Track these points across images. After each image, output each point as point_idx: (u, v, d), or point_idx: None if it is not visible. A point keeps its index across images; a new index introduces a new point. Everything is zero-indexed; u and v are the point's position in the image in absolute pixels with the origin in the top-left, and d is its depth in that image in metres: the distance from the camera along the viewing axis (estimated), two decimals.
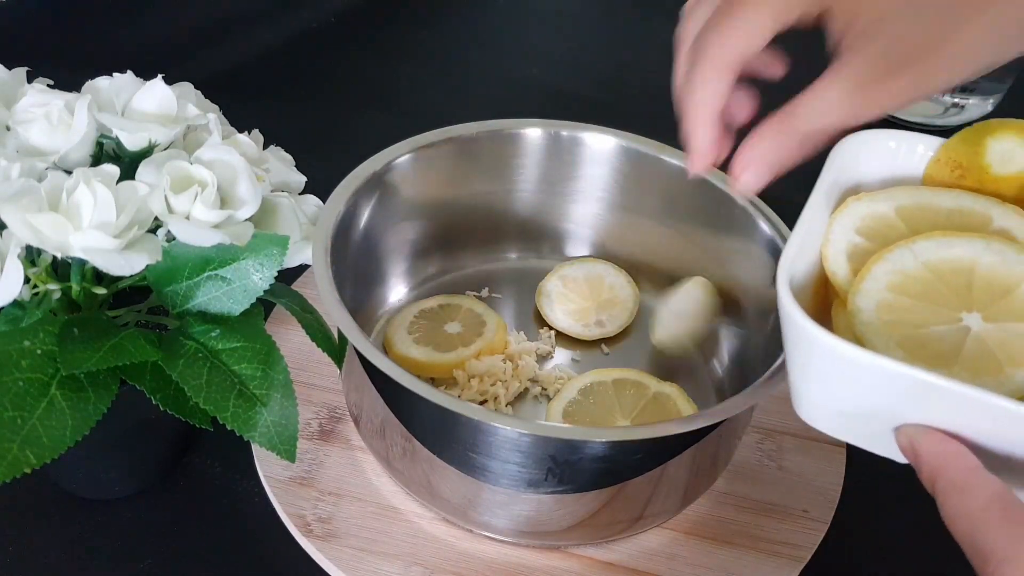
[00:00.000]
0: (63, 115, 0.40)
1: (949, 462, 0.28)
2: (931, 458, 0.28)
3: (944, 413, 0.28)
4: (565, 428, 0.46)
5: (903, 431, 0.29)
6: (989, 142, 0.34)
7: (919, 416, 0.29)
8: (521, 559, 0.46)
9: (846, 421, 0.32)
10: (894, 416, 0.29)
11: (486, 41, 0.92)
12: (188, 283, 0.41)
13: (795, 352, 0.31)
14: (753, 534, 0.48)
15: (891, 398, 0.29)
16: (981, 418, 0.28)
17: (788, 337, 0.31)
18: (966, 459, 0.28)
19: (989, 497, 0.27)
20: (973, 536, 0.26)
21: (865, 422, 0.31)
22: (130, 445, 0.47)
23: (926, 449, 0.28)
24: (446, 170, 0.54)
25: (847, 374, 0.29)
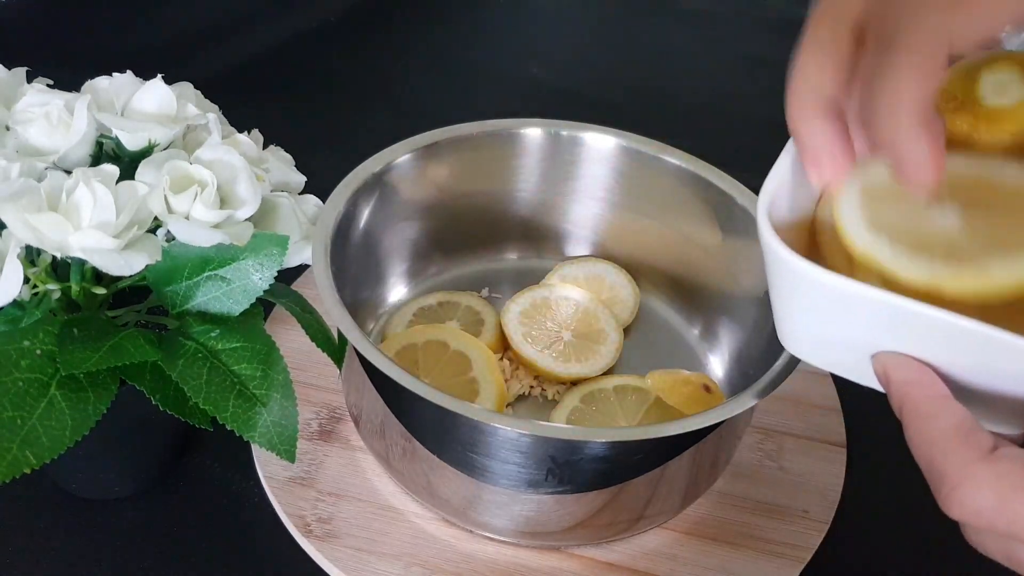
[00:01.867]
0: (63, 115, 0.40)
1: (917, 389, 0.28)
2: (900, 384, 0.29)
3: (917, 340, 0.29)
4: (565, 428, 0.46)
5: (878, 358, 0.29)
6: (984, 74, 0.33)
7: (895, 344, 0.29)
8: (521, 559, 0.46)
9: (827, 350, 0.32)
10: (871, 344, 0.30)
11: (486, 41, 0.92)
12: (188, 283, 0.41)
13: (776, 282, 0.31)
14: (753, 534, 0.48)
15: (868, 325, 0.29)
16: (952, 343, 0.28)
17: (769, 268, 0.31)
18: (934, 386, 0.28)
19: (950, 424, 0.27)
20: (931, 460, 0.27)
21: (845, 351, 0.31)
22: (130, 445, 0.47)
23: (897, 375, 0.29)
24: (446, 170, 0.54)
25: (825, 301, 0.29)
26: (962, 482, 0.26)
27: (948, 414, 0.27)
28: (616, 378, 0.52)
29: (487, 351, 0.51)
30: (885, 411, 0.43)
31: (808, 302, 0.30)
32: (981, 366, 0.28)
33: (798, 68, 0.31)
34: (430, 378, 0.49)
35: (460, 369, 0.50)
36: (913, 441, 0.28)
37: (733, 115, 0.81)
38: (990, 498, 0.25)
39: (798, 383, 0.55)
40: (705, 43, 0.95)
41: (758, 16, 0.97)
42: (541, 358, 0.52)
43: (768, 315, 0.48)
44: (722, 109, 0.83)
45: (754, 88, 0.85)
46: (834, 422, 0.54)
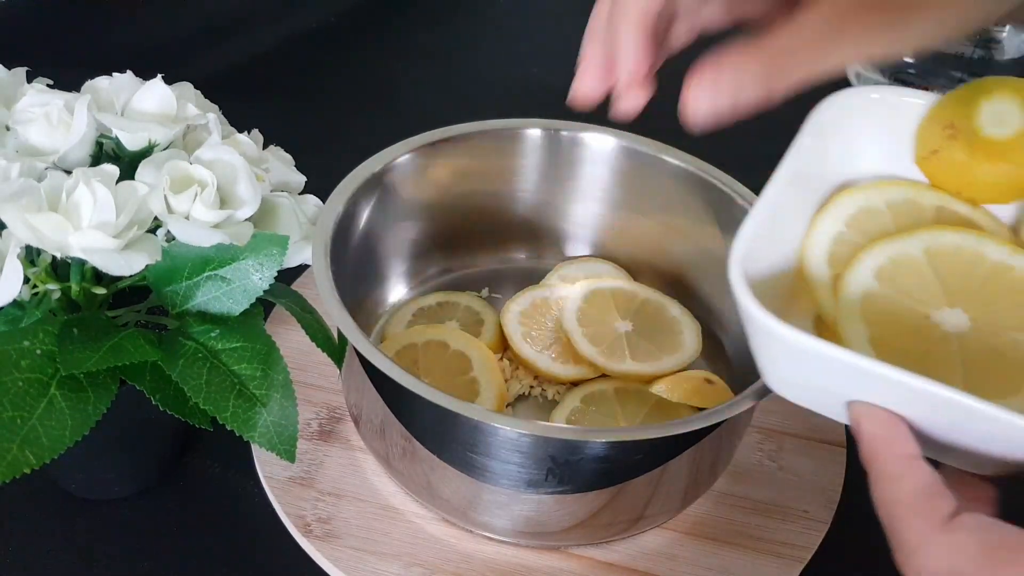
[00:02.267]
0: (63, 115, 0.40)
1: (886, 448, 0.29)
2: (870, 440, 0.29)
3: (886, 397, 0.29)
4: (565, 428, 0.46)
5: (853, 407, 0.30)
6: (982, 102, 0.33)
7: (867, 397, 0.30)
8: (521, 559, 0.46)
9: (808, 395, 0.33)
10: (846, 394, 0.30)
11: (486, 41, 0.92)
12: (188, 283, 0.41)
13: (751, 334, 0.32)
14: (753, 534, 0.48)
15: (839, 380, 0.30)
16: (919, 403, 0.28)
17: (743, 319, 0.31)
18: (903, 446, 0.29)
19: (913, 488, 0.27)
20: (892, 523, 0.27)
21: (823, 396, 0.32)
22: (130, 445, 0.47)
23: (867, 430, 0.29)
24: (446, 170, 0.54)
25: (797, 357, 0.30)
26: (917, 550, 0.26)
27: (913, 477, 0.28)
28: (616, 381, 0.51)
29: (487, 351, 0.51)
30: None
31: (781, 355, 0.31)
32: (949, 424, 0.29)
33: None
34: (430, 378, 0.49)
35: (460, 369, 0.50)
36: (878, 500, 0.28)
37: None
38: (943, 569, 0.26)
39: None
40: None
41: None
42: (540, 358, 0.52)
43: None
44: None
45: None
46: (834, 422, 0.54)
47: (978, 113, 0.33)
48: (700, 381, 0.49)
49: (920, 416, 0.29)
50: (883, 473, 0.28)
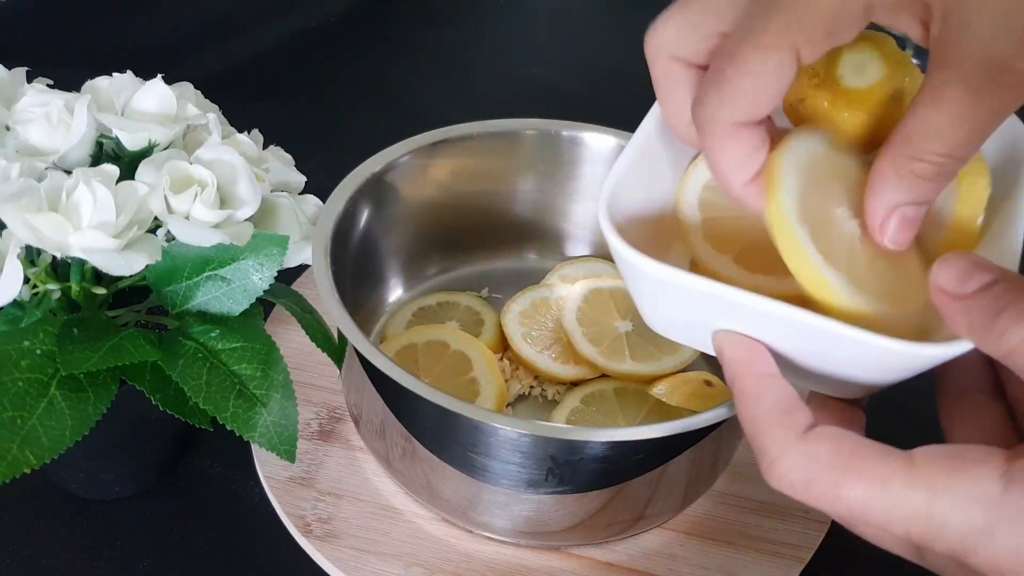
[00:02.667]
0: (63, 115, 0.41)
1: (745, 368, 0.30)
2: (732, 363, 0.30)
3: (745, 324, 0.30)
4: (565, 428, 0.45)
5: (716, 336, 0.31)
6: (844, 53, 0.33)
7: (728, 324, 0.31)
8: (521, 559, 0.46)
9: (675, 328, 0.34)
10: (708, 324, 0.31)
11: (486, 41, 0.92)
12: (188, 283, 0.41)
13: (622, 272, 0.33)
14: (753, 534, 0.48)
15: (701, 310, 0.31)
16: (773, 328, 0.29)
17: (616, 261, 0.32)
18: (762, 365, 0.30)
19: (772, 403, 0.29)
20: (754, 438, 0.29)
21: (690, 329, 0.33)
22: (130, 445, 0.47)
23: (729, 355, 0.30)
24: (446, 170, 0.54)
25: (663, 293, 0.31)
26: (776, 460, 0.28)
27: (771, 393, 0.29)
28: (616, 381, 0.51)
29: (487, 351, 0.51)
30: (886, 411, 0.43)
31: (649, 291, 0.32)
32: (803, 346, 0.30)
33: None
34: (430, 378, 0.49)
35: (460, 369, 0.50)
36: (741, 418, 0.29)
37: None
38: (799, 476, 0.28)
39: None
40: None
41: None
42: (540, 359, 0.52)
43: None
44: None
45: None
46: None
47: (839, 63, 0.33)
48: (699, 383, 0.49)
49: (780, 341, 0.30)
50: (744, 392, 0.29)
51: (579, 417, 0.49)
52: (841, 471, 0.27)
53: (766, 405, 0.29)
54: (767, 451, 0.28)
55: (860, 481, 0.26)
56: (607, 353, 0.51)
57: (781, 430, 0.28)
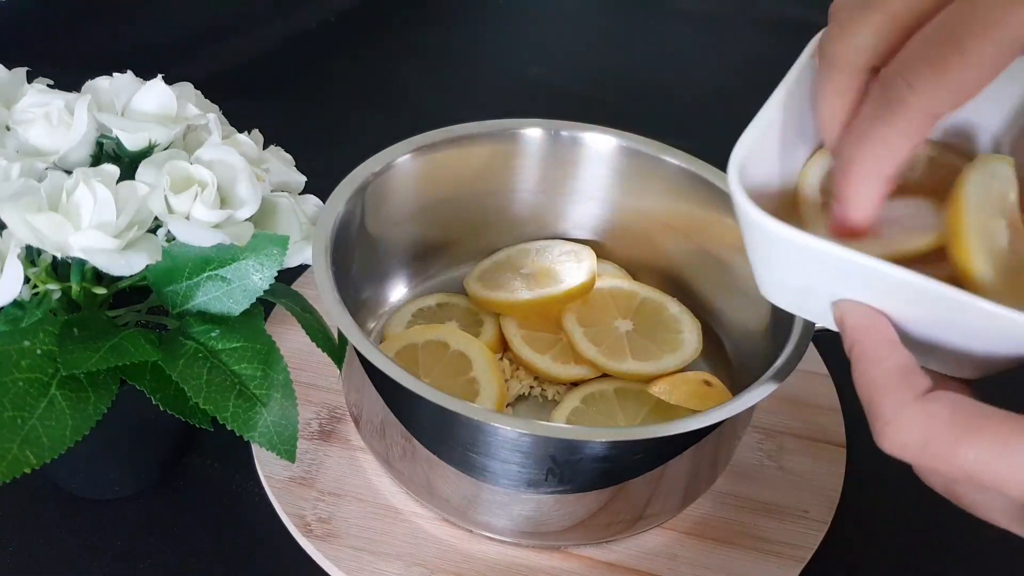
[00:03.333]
0: (63, 115, 0.40)
1: (866, 333, 0.30)
2: (852, 328, 0.30)
3: (872, 291, 0.30)
4: (565, 428, 0.45)
5: (838, 305, 0.31)
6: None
7: (853, 293, 0.31)
8: (521, 559, 0.46)
9: (795, 297, 0.34)
10: (831, 293, 0.32)
11: (486, 41, 0.92)
12: (188, 283, 0.41)
13: (746, 235, 0.33)
14: (753, 534, 0.48)
15: (827, 277, 0.31)
16: (901, 296, 0.30)
17: (739, 221, 0.33)
18: (884, 331, 0.30)
19: (892, 367, 0.29)
20: (870, 398, 0.28)
21: (810, 298, 0.33)
22: (130, 445, 0.47)
23: (850, 320, 0.30)
24: (446, 170, 0.54)
25: (788, 255, 0.31)
26: (893, 419, 0.27)
27: (891, 357, 0.29)
28: (617, 382, 0.52)
29: (487, 351, 0.51)
30: None
31: (773, 254, 0.32)
32: (929, 318, 0.30)
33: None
34: (430, 378, 0.49)
35: (460, 369, 0.50)
36: (857, 381, 0.29)
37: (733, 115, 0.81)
38: (916, 435, 0.27)
39: (798, 383, 0.55)
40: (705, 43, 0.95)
41: (757, 16, 0.97)
42: (541, 359, 0.52)
43: (767, 315, 0.48)
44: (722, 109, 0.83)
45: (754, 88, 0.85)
46: (834, 422, 0.54)
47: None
48: (698, 382, 0.49)
49: (905, 312, 0.30)
50: (863, 355, 0.29)
51: (579, 417, 0.50)
52: (961, 429, 0.26)
53: (886, 367, 0.29)
54: (883, 411, 0.28)
55: (980, 440, 0.26)
56: (608, 353, 0.51)
57: (900, 391, 0.28)
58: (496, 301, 0.54)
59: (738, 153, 0.33)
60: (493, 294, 0.54)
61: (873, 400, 0.28)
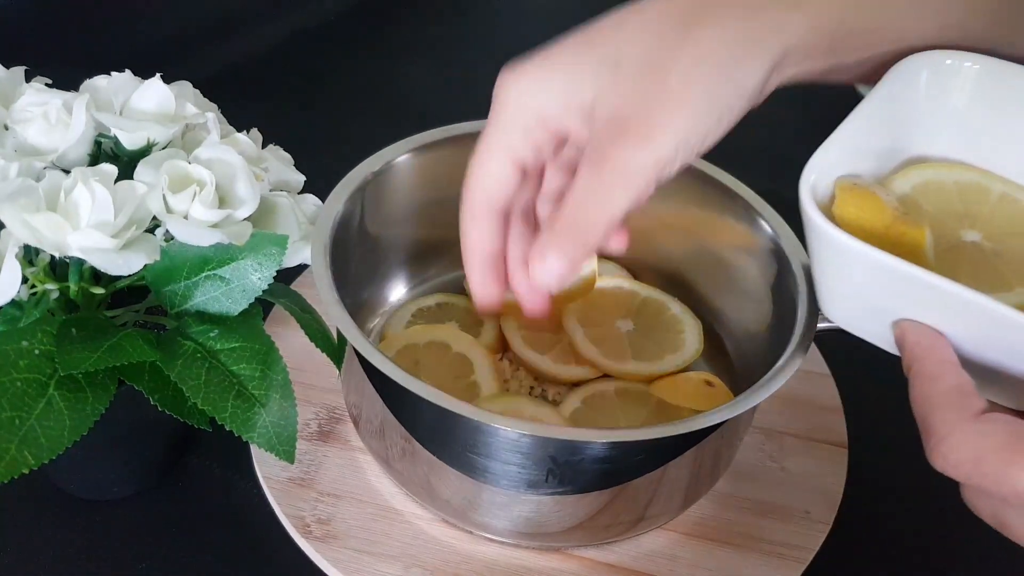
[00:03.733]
0: (61, 114, 0.40)
1: (927, 353, 0.31)
2: (913, 347, 0.31)
3: (936, 311, 0.31)
4: (565, 428, 0.45)
5: (899, 324, 0.32)
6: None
7: (914, 313, 0.32)
8: (521, 560, 0.46)
9: (857, 315, 0.35)
10: (894, 312, 0.32)
11: (486, 41, 0.92)
12: (186, 283, 0.41)
13: (813, 247, 0.34)
14: (755, 535, 0.48)
15: (890, 293, 0.32)
16: (966, 318, 0.30)
17: (809, 238, 0.34)
18: (943, 352, 0.31)
19: (949, 386, 0.29)
20: (926, 416, 0.29)
21: (872, 316, 0.34)
22: (128, 445, 0.46)
23: (911, 339, 0.31)
24: (446, 170, 0.54)
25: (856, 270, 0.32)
26: (947, 437, 0.28)
27: (949, 377, 0.30)
28: (617, 382, 0.51)
29: (488, 354, 0.51)
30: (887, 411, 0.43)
31: (843, 271, 0.33)
32: (990, 342, 0.31)
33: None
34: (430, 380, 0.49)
35: (461, 372, 0.50)
36: (915, 398, 0.30)
37: None
38: (969, 454, 0.27)
39: (799, 383, 0.55)
40: None
41: None
42: (541, 360, 0.52)
43: (768, 315, 0.48)
44: None
45: None
46: (835, 422, 0.54)
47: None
48: (700, 383, 0.49)
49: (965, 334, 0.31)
50: (922, 373, 0.30)
51: (580, 418, 0.49)
52: (1014, 451, 0.27)
53: (944, 387, 0.29)
54: (937, 429, 0.28)
55: None
56: (609, 353, 0.51)
57: (955, 411, 0.28)
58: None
59: (810, 171, 0.34)
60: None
61: (929, 417, 0.29)
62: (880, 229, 0.33)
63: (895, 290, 0.31)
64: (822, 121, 0.37)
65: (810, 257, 0.35)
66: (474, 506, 0.44)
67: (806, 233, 0.34)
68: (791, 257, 0.46)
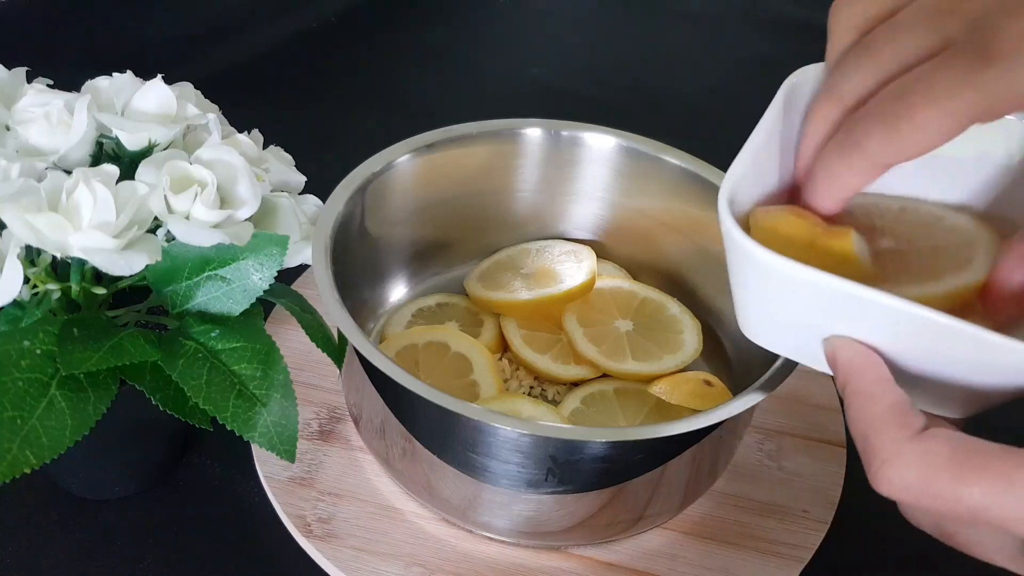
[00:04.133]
0: (63, 115, 0.40)
1: (861, 370, 0.30)
2: (846, 365, 0.30)
3: (866, 325, 0.30)
4: (565, 428, 0.45)
5: (829, 341, 0.31)
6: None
7: (845, 328, 0.31)
8: (521, 559, 0.46)
9: (783, 335, 0.34)
10: (824, 328, 0.31)
11: (486, 41, 0.92)
12: (188, 283, 0.41)
13: (735, 268, 0.33)
14: (753, 534, 0.48)
15: (820, 309, 0.31)
16: (897, 328, 0.29)
17: (728, 252, 0.32)
18: (877, 370, 0.30)
19: (887, 405, 0.28)
20: (866, 437, 0.28)
21: (799, 335, 0.32)
22: (130, 445, 0.47)
23: (843, 356, 0.30)
24: (446, 170, 0.54)
25: (779, 287, 0.31)
26: (890, 459, 0.27)
27: (886, 395, 0.29)
28: (616, 382, 0.51)
29: (488, 354, 0.51)
30: None
31: (765, 288, 0.32)
32: (924, 351, 0.30)
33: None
34: (430, 380, 0.49)
35: (461, 372, 0.50)
36: (852, 419, 0.29)
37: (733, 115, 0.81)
38: (915, 476, 0.27)
39: (798, 383, 0.55)
40: (705, 43, 0.95)
41: (757, 16, 0.97)
42: (541, 359, 0.52)
43: None
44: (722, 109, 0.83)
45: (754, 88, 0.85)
46: (834, 422, 0.54)
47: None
48: (699, 382, 0.49)
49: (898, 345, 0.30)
50: (858, 392, 0.29)
51: (579, 418, 0.49)
52: (962, 468, 0.26)
53: (882, 406, 0.28)
54: (880, 451, 0.28)
55: (983, 478, 0.26)
56: (608, 353, 0.51)
57: (897, 429, 0.28)
58: (496, 301, 0.54)
59: (727, 184, 0.32)
60: (493, 294, 0.54)
61: (868, 439, 0.28)
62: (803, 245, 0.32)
63: (823, 306, 0.30)
64: None
65: (730, 277, 0.34)
66: (474, 505, 0.44)
67: (727, 252, 0.32)
68: None
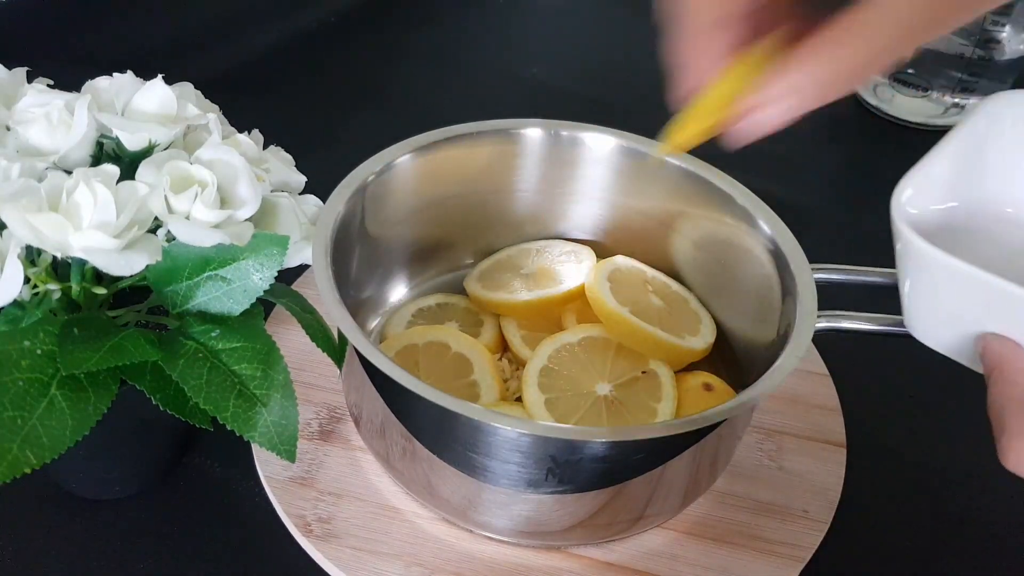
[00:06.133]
0: (63, 115, 0.41)
1: (1008, 361, 0.32)
2: (997, 355, 0.33)
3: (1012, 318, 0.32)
4: (565, 428, 0.46)
5: (982, 337, 0.34)
6: None
7: (1000, 326, 0.33)
8: (521, 559, 0.46)
9: (942, 329, 0.36)
10: (982, 324, 0.34)
11: (486, 40, 0.92)
12: (188, 283, 0.41)
13: (908, 268, 0.35)
14: (753, 534, 0.48)
15: (979, 307, 0.33)
16: None
17: (899, 255, 0.35)
18: (1019, 362, 0.32)
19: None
20: (1001, 414, 0.31)
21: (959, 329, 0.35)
22: (130, 445, 0.47)
23: (994, 347, 0.33)
24: (446, 170, 0.54)
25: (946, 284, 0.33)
26: (1018, 433, 0.30)
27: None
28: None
29: (488, 354, 0.51)
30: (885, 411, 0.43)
31: (936, 286, 0.34)
32: None
33: None
34: (431, 380, 0.49)
35: (461, 372, 0.50)
36: (992, 399, 0.32)
37: None
38: None
39: (798, 383, 0.55)
40: None
41: None
42: None
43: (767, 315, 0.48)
44: None
45: None
46: (834, 422, 0.54)
47: None
48: (697, 387, 0.49)
49: None
50: (1002, 377, 0.32)
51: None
52: None
53: (1019, 390, 0.31)
54: (1009, 428, 0.30)
55: None
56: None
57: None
58: (496, 301, 0.54)
59: (901, 190, 0.35)
60: (493, 294, 0.54)
61: (1005, 416, 0.30)
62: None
63: (983, 304, 0.33)
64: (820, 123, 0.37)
65: (899, 276, 0.36)
66: (474, 505, 0.44)
67: (896, 253, 0.35)
68: (789, 257, 0.47)
